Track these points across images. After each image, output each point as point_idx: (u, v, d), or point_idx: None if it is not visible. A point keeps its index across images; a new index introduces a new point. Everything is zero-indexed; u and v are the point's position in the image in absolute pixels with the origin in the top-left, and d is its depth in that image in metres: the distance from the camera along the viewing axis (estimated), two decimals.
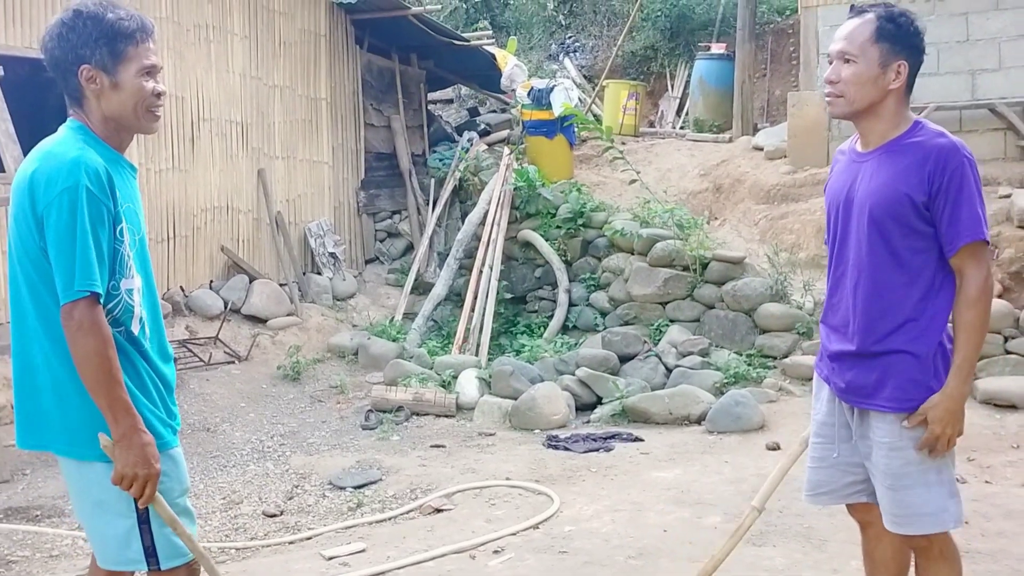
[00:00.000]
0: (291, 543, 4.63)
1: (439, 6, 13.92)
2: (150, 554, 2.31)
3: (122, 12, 2.30)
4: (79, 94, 2.31)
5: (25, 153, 5.79)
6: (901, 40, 2.50)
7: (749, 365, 7.12)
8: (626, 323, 8.15)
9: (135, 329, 2.33)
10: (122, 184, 2.31)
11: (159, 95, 2.36)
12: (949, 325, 2.52)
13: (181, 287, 8.11)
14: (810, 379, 6.72)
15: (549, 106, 10.07)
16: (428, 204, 10.37)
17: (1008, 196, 7.62)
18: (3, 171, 5.94)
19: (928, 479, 2.51)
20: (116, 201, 2.26)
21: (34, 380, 2.31)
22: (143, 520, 2.29)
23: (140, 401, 2.30)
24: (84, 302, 2.17)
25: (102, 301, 2.21)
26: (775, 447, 5.64)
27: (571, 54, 14.75)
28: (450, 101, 13.89)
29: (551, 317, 8.69)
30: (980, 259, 2.44)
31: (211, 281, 8.47)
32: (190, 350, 7.57)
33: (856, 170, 2.60)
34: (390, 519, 4.88)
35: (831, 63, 2.58)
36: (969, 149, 2.49)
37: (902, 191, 2.46)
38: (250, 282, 8.53)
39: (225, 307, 8.12)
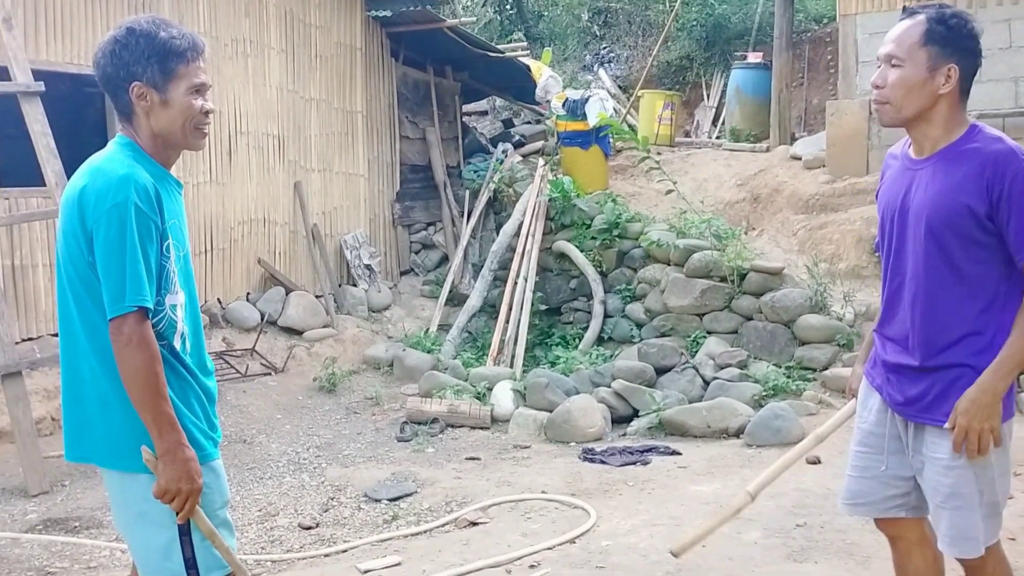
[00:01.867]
0: (326, 556, 4.62)
1: (474, 18, 14.00)
2: (190, 565, 2.32)
3: (174, 31, 2.33)
4: (129, 111, 2.34)
5: (66, 168, 5.87)
6: (952, 43, 2.39)
7: (788, 377, 7.02)
8: (662, 335, 8.08)
9: (177, 344, 2.34)
10: (169, 200, 2.34)
11: (207, 113, 2.39)
12: None
13: (219, 299, 8.18)
14: None
15: (584, 117, 10.04)
16: (463, 216, 10.37)
17: None
18: (44, 185, 6.01)
19: (973, 503, 2.43)
20: (163, 217, 2.28)
21: (81, 393, 2.33)
22: (184, 532, 2.31)
23: (184, 414, 2.31)
24: (133, 316, 2.19)
25: (150, 306, 2.23)
26: (815, 461, 5.53)
27: (606, 64, 14.73)
28: (485, 113, 13.91)
29: (586, 329, 8.64)
30: None
31: (248, 293, 8.53)
32: (227, 362, 7.62)
33: (911, 177, 2.49)
34: (425, 532, 4.85)
35: (879, 67, 2.48)
36: None
37: (962, 201, 2.36)
38: (286, 294, 8.58)
39: (262, 319, 8.17)
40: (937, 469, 2.46)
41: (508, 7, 16.03)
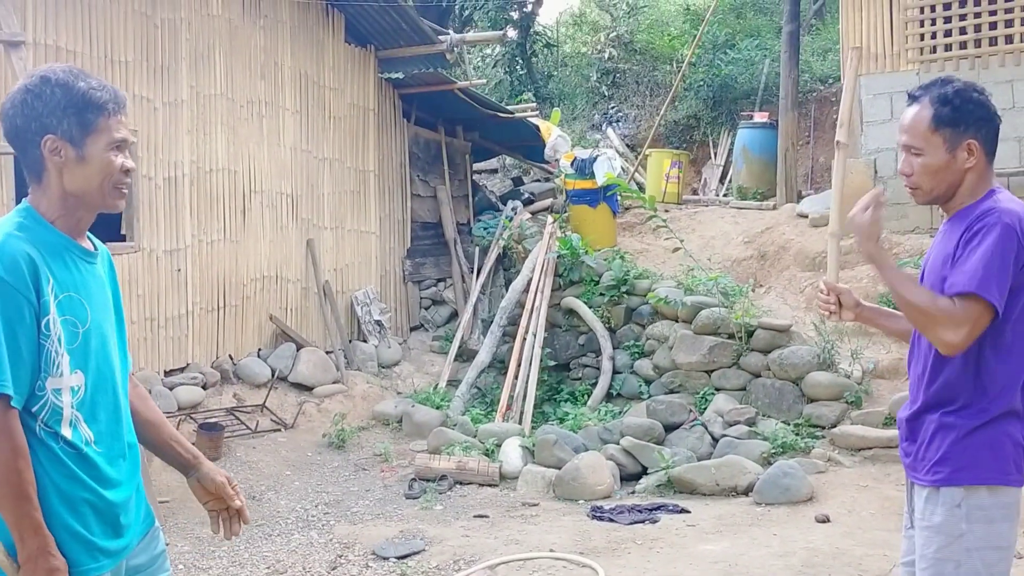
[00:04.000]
0: None
1: (484, 80, 14.25)
2: None
3: (94, 82, 2.12)
4: (39, 168, 2.10)
5: None
6: (963, 120, 2.43)
7: (797, 435, 7.01)
8: (671, 391, 8.09)
9: (67, 433, 2.05)
10: (63, 272, 2.08)
11: (127, 171, 2.16)
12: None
13: (230, 355, 8.25)
14: (859, 449, 6.67)
15: (592, 175, 10.18)
16: (472, 272, 10.47)
17: None
18: None
19: (944, 570, 2.36)
20: (41, 291, 2.01)
21: None
22: None
23: (62, 518, 2.04)
24: None
25: (17, 404, 1.98)
26: (825, 519, 5.52)
27: (614, 124, 14.94)
28: (495, 171, 14.11)
29: (595, 385, 8.66)
30: (973, 311, 2.29)
31: (259, 349, 8.59)
32: (237, 418, 7.66)
33: (934, 243, 2.55)
34: None
35: (903, 154, 2.52)
36: (1020, 218, 2.34)
37: (950, 254, 2.40)
38: (297, 350, 8.64)
39: (272, 375, 8.22)
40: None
41: (518, 68, 16.33)
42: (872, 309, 2.77)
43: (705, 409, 7.64)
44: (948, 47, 8.97)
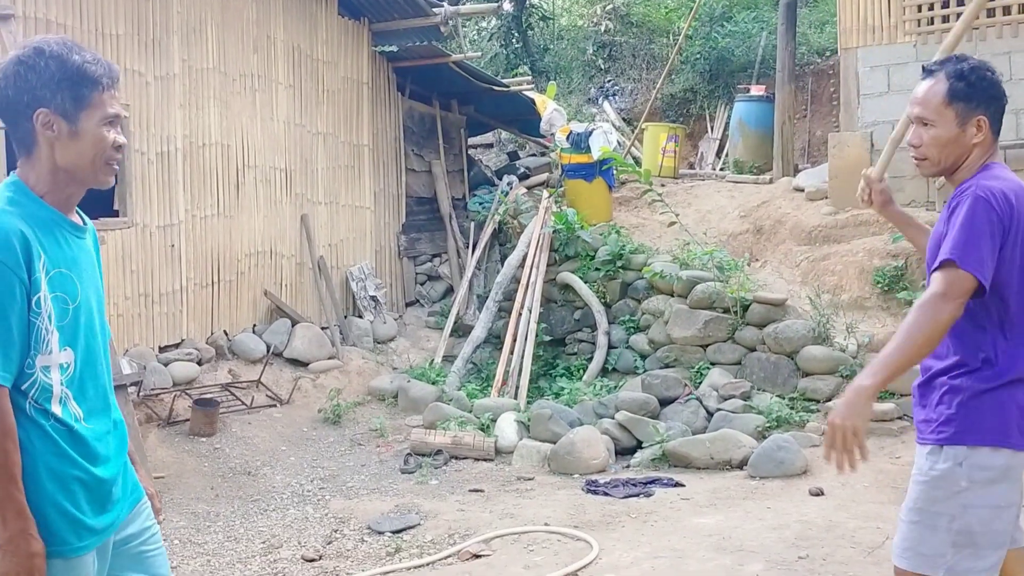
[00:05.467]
0: None
1: (479, 53, 14.14)
2: None
3: (88, 55, 2.09)
4: (30, 141, 2.08)
5: None
6: (976, 96, 2.50)
7: (791, 409, 7.02)
8: (666, 365, 8.10)
9: (57, 411, 2.04)
10: (54, 248, 2.07)
11: (119, 147, 2.14)
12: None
13: (225, 331, 8.23)
14: None
15: (588, 150, 10.13)
16: (468, 247, 10.44)
17: None
18: None
19: (937, 523, 2.44)
20: (33, 268, 2.00)
21: None
22: None
23: (52, 496, 2.03)
24: None
25: (6, 382, 1.96)
26: (819, 492, 5.54)
27: (610, 97, 14.85)
28: (490, 145, 14.04)
29: (590, 359, 8.66)
30: (947, 277, 2.36)
31: (254, 325, 8.58)
32: (232, 394, 7.65)
33: (941, 218, 2.60)
34: (428, 564, 4.86)
35: (912, 125, 2.58)
36: (1003, 192, 2.42)
37: (941, 233, 2.48)
38: (292, 326, 8.63)
39: (267, 351, 8.22)
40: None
41: (514, 41, 16.20)
42: (901, 214, 3.00)
43: (700, 383, 7.66)
44: (946, 19, 8.90)
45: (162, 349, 7.62)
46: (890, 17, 9.15)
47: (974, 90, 2.49)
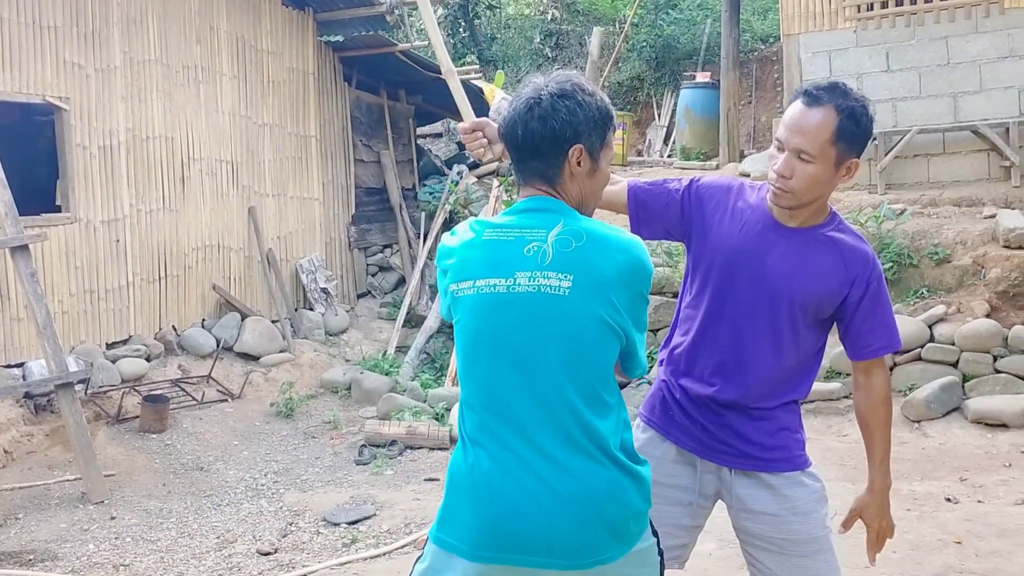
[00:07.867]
0: None
1: (426, 42, 14.06)
2: None
3: (602, 95, 2.14)
4: (558, 172, 2.09)
5: (16, 197, 5.83)
6: (860, 140, 2.29)
7: None
8: None
9: None
10: None
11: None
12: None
13: (173, 326, 8.13)
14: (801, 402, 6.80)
15: None
16: (419, 237, 10.41)
17: (993, 216, 7.69)
18: None
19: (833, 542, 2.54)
20: None
21: None
22: None
23: None
24: None
25: None
26: None
27: None
28: (439, 135, 14.00)
29: None
30: (884, 361, 2.45)
31: (203, 320, 8.48)
32: (183, 389, 7.56)
33: (771, 242, 2.38)
34: (385, 555, 4.86)
35: (780, 150, 2.30)
36: None
37: (833, 288, 2.35)
38: (242, 320, 8.54)
39: (217, 345, 8.13)
40: (786, 517, 2.44)
41: (461, 30, 16.16)
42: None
43: (652, 367, 7.74)
44: (884, 4, 9.07)
45: (109, 346, 7.51)
46: (831, 4, 9.30)
47: (861, 133, 2.28)
